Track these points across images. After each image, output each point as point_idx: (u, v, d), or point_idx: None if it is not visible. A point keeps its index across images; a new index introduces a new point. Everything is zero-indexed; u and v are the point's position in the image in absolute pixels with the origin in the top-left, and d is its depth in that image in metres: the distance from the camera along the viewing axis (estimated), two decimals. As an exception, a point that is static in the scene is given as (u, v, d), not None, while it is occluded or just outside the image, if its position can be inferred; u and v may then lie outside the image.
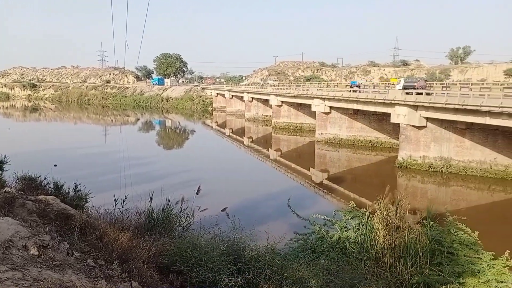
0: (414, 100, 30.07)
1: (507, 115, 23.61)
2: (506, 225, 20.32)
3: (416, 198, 24.91)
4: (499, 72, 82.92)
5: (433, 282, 7.63)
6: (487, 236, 13.10)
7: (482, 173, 28.25)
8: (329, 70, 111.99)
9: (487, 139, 28.30)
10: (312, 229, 10.53)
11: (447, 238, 9.61)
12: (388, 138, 40.39)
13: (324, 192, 26.78)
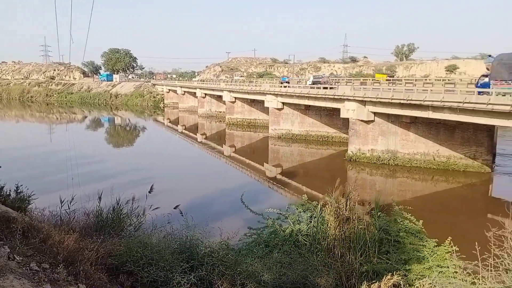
0: (363, 96, 31.07)
1: (448, 109, 24.97)
2: (448, 213, 21.53)
3: (366, 190, 25.80)
4: (441, 68, 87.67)
5: (381, 270, 7.93)
6: (431, 224, 13.83)
7: (426, 164, 29.73)
8: (281, 67, 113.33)
9: (430, 132, 29.80)
10: (265, 224, 10.64)
11: (394, 227, 10.04)
12: (338, 133, 41.52)
13: (278, 187, 27.09)
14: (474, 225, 18.17)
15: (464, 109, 23.81)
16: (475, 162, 28.66)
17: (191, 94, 77.63)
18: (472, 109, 23.36)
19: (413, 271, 8.47)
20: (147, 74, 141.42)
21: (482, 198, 24.94)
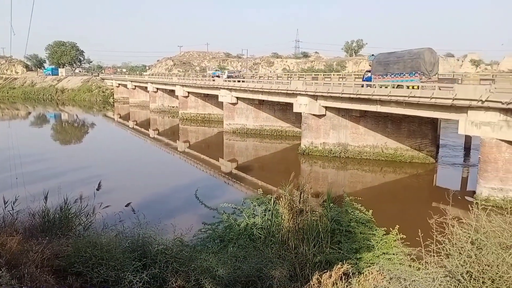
0: (314, 91, 31.70)
1: (395, 103, 26.04)
2: (396, 203, 22.52)
3: (319, 182, 26.39)
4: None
5: (333, 260, 8.15)
6: (380, 213, 14.39)
7: (375, 156, 30.89)
8: (235, 61, 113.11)
9: (378, 125, 30.97)
10: (220, 219, 10.62)
11: (345, 218, 10.37)
12: (292, 127, 42.15)
13: (233, 182, 27.10)
14: (420, 213, 19.10)
15: (409, 103, 24.92)
16: (421, 153, 30.13)
17: (142, 88, 75.69)
18: (417, 103, 24.50)
19: (363, 259, 8.79)
20: (95, 68, 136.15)
21: (427, 187, 26.27)
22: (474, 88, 22.48)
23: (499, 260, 4.21)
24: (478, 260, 4.40)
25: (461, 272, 4.41)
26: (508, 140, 20.40)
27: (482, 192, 21.08)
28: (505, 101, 19.87)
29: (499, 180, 20.78)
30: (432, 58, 28.49)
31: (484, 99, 20.70)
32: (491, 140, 20.87)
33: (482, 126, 21.19)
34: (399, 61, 29.45)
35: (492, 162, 21.02)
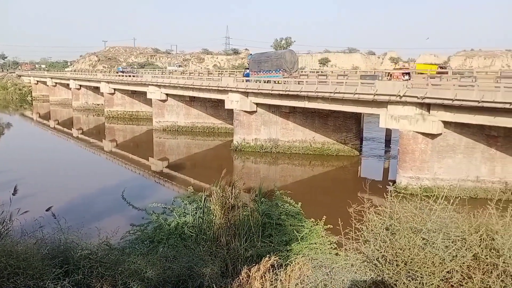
0: (245, 87, 31.94)
1: (321, 99, 27.05)
2: (324, 194, 23.44)
3: (251, 178, 26.67)
4: (315, 61, 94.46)
5: (264, 253, 8.26)
6: (309, 205, 14.85)
7: (304, 150, 31.89)
8: (164, 57, 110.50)
9: (307, 121, 31.99)
10: (149, 219, 10.31)
11: (276, 211, 10.56)
12: (224, 124, 42.14)
13: (164, 181, 26.51)
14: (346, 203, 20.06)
15: (335, 99, 26.03)
16: (346, 146, 31.63)
17: (63, 85, 71.26)
18: (341, 99, 25.66)
19: (293, 250, 9.01)
20: (10, 64, 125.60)
21: (353, 179, 27.67)
22: (392, 84, 24.03)
23: (410, 243, 4.56)
24: (392, 244, 4.72)
25: (377, 256, 4.71)
26: (423, 132, 22.07)
27: (401, 181, 22.64)
28: (420, 96, 21.46)
29: (416, 170, 22.44)
30: (292, 58, 34.41)
31: (402, 94, 22.18)
32: (409, 133, 22.45)
33: (401, 120, 22.71)
34: (268, 60, 34.86)
35: (409, 153, 22.64)
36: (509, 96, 18.29)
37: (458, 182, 21.67)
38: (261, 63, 35.35)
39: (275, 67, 33.78)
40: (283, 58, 33.73)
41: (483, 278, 4.17)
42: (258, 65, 35.63)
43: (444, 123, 21.74)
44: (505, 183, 21.47)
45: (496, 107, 18.80)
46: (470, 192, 21.15)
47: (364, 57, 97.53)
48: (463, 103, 19.83)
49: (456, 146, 22.11)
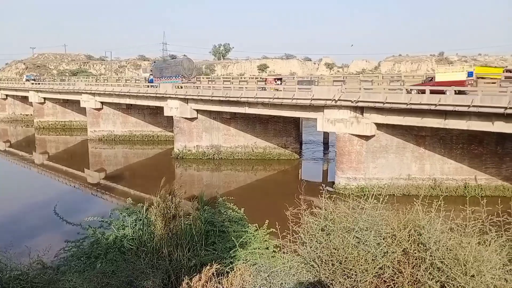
0: (185, 94, 31.54)
1: (261, 104, 27.40)
2: (267, 198, 23.67)
3: (194, 185, 26.34)
4: (254, 67, 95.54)
5: (208, 262, 8.15)
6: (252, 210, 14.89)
7: (246, 156, 32.06)
8: (98, 64, 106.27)
9: (248, 126, 32.23)
10: (86, 234, 9.80)
11: (219, 218, 10.47)
12: (164, 131, 41.29)
13: (101, 193, 25.39)
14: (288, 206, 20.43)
15: (274, 104, 26.49)
16: (286, 150, 32.26)
17: (-13, 96, 65.99)
18: (280, 104, 26.16)
19: (237, 256, 8.98)
20: None
21: (294, 181, 28.16)
22: (328, 89, 24.91)
23: (344, 243, 4.73)
24: (327, 245, 4.87)
25: (313, 257, 4.83)
26: (358, 134, 23.06)
27: (340, 182, 23.47)
28: (354, 100, 22.45)
29: (353, 170, 23.39)
30: (190, 65, 38.14)
31: (337, 98, 23.06)
32: (345, 135, 23.36)
33: (337, 123, 23.58)
34: (168, 67, 38.16)
35: (346, 154, 23.56)
36: (433, 98, 19.65)
37: (392, 181, 22.86)
38: (163, 70, 38.31)
39: (174, 73, 36.98)
40: (181, 65, 37.29)
41: (412, 272, 4.42)
42: (160, 71, 38.47)
43: (377, 125, 22.87)
44: (434, 180, 23.00)
45: (422, 108, 20.13)
46: (403, 190, 22.36)
47: (301, 63, 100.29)
48: (393, 105, 21.01)
49: (389, 147, 23.34)
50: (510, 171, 22.84)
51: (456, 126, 20.13)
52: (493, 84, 23.66)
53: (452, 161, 23.02)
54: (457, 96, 19.47)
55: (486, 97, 18.32)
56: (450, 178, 23.01)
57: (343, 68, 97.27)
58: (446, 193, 21.79)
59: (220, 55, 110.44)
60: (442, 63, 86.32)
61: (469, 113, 19.00)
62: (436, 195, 21.59)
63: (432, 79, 24.30)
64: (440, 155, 23.06)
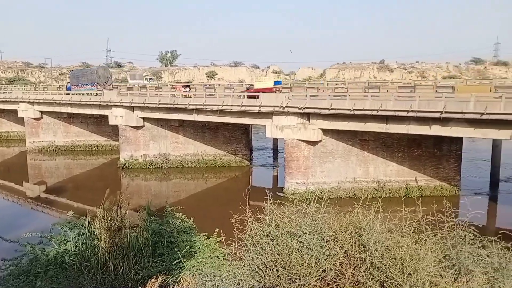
0: (130, 101, 30.71)
1: (210, 111, 27.27)
2: (217, 206, 23.49)
3: (141, 196, 25.61)
4: (202, 74, 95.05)
5: (155, 274, 7.95)
6: (203, 219, 14.76)
7: (196, 164, 31.70)
8: (37, 71, 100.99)
9: (197, 133, 31.93)
10: (24, 251, 9.23)
11: (167, 229, 10.26)
12: (109, 141, 39.92)
13: (42, 207, 24.04)
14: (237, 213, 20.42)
15: (223, 111, 26.46)
16: (237, 157, 32.29)
17: None
18: (229, 111, 26.19)
19: (187, 267, 8.83)
20: None
21: (245, 188, 28.20)
22: (276, 96, 25.28)
23: (288, 248, 4.79)
24: (271, 250, 4.92)
25: (257, 264, 4.86)
26: (305, 140, 23.55)
27: (289, 187, 23.81)
28: (301, 106, 22.94)
29: (302, 175, 23.82)
30: (105, 73, 40.28)
31: (284, 105, 23.46)
32: (293, 141, 23.77)
33: (285, 129, 23.96)
34: (84, 75, 40.15)
35: (295, 160, 23.97)
36: (375, 104, 20.52)
37: (338, 184, 23.60)
38: (80, 78, 40.02)
39: (90, 81, 38.79)
40: (96, 73, 39.12)
41: (353, 273, 4.56)
42: (77, 79, 39.98)
43: (323, 130, 23.50)
44: (378, 182, 23.95)
45: (365, 114, 20.96)
46: (349, 193, 23.12)
47: (249, 70, 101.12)
48: (338, 111, 21.71)
49: (335, 151, 24.04)
50: (447, 171, 24.29)
51: (397, 130, 21.15)
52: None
53: (394, 163, 24.11)
54: (397, 101, 20.42)
55: (423, 102, 19.41)
56: (392, 180, 24.08)
57: (290, 76, 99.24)
58: (389, 194, 22.81)
59: (167, 62, 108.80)
60: (383, 70, 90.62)
61: (408, 118, 20.03)
62: (380, 196, 22.31)
63: (253, 86, 30.97)
64: (383, 158, 24.08)
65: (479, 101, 17.95)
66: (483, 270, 4.72)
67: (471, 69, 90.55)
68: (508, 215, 21.57)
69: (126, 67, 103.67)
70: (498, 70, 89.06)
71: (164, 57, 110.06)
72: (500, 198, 24.49)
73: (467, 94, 19.24)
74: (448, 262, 4.87)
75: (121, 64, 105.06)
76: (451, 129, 19.21)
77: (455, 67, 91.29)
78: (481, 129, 18.47)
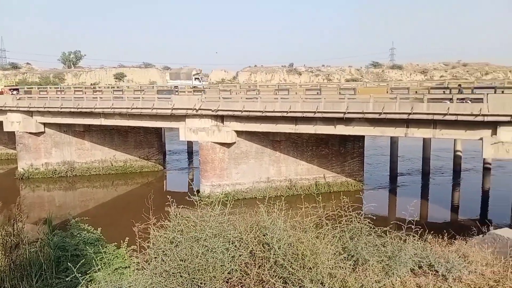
0: (28, 106, 28.23)
1: (119, 115, 26.10)
2: (130, 214, 22.41)
3: (44, 208, 23.67)
4: (109, 76, 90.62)
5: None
6: (113, 228, 14.06)
7: (105, 171, 30.10)
8: None
9: (105, 139, 30.33)
10: None
11: (72, 242, 9.58)
12: (5, 149, 36.33)
13: None
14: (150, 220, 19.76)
15: (133, 114, 25.49)
16: (149, 162, 31.31)
17: None
18: (139, 114, 25.30)
19: (96, 280, 8.32)
20: None
21: (159, 194, 27.42)
22: (188, 98, 25.03)
23: (192, 253, 4.76)
24: (174, 257, 4.84)
25: (160, 272, 4.76)
26: (220, 142, 23.60)
27: (205, 190, 23.68)
28: (214, 109, 22.95)
29: (217, 177, 23.83)
30: None
31: (197, 107, 23.29)
32: (207, 144, 23.69)
33: (199, 132, 23.79)
34: None
35: (210, 162, 23.91)
36: (285, 105, 21.28)
37: (253, 185, 24.04)
38: None
39: None
40: None
41: (258, 272, 4.66)
42: None
43: (237, 132, 23.77)
44: (290, 181, 24.86)
45: (276, 115, 21.64)
46: (263, 192, 23.60)
47: (160, 72, 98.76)
48: (250, 113, 22.13)
49: (249, 152, 24.45)
50: (351, 168, 26.01)
51: (306, 131, 22.15)
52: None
53: (304, 162, 25.21)
54: (305, 103, 21.36)
55: (328, 104, 20.57)
56: (303, 178, 25.16)
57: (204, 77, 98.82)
58: (300, 192, 23.77)
59: (70, 63, 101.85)
60: (292, 73, 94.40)
61: (315, 119, 21.08)
62: (292, 194, 23.47)
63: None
64: (294, 157, 25.05)
65: (378, 102, 19.50)
66: (378, 259, 5.14)
67: (370, 72, 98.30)
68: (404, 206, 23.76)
69: (23, 68, 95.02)
70: (394, 73, 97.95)
71: (67, 58, 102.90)
72: (399, 191, 26.84)
73: (367, 95, 20.78)
74: (347, 253, 5.22)
75: (18, 66, 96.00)
76: (353, 128, 20.62)
77: (357, 70, 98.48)
78: (379, 127, 20.09)
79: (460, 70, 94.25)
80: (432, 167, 29.55)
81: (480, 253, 5.51)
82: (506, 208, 18.99)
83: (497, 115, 16.84)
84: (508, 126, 16.86)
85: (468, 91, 21.85)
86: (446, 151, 31.87)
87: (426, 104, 18.27)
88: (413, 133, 19.65)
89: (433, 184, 27.84)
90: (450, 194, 26.57)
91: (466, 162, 30.25)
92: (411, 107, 18.55)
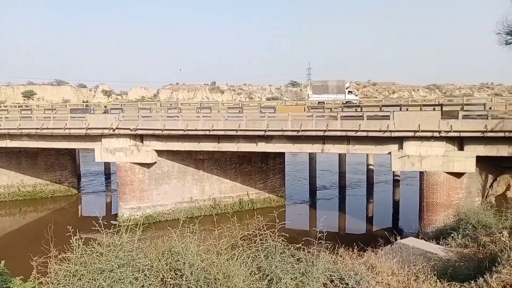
0: None
1: (27, 136, 24.15)
2: (38, 242, 20.71)
3: None
4: (17, 94, 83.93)
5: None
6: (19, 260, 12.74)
7: (11, 197, 27.58)
8: None
9: (11, 162, 27.85)
10: None
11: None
12: None
13: None
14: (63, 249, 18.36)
15: (43, 135, 23.73)
16: (62, 186, 29.22)
17: None
18: (51, 135, 23.63)
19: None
20: None
21: (73, 219, 25.64)
22: (105, 117, 23.90)
23: (97, 285, 4.48)
24: None
25: None
26: (139, 162, 22.77)
27: (124, 214, 22.58)
28: (133, 128, 22.16)
29: (137, 200, 22.87)
30: None
31: (115, 127, 22.32)
32: (126, 164, 22.72)
33: (116, 152, 22.76)
34: None
35: (129, 184, 22.91)
36: (207, 124, 21.20)
37: (175, 205, 23.45)
38: None
39: None
40: None
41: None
42: None
43: (158, 151, 23.14)
44: (214, 199, 24.68)
45: (198, 134, 21.48)
46: (187, 213, 23.06)
47: (75, 90, 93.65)
48: (172, 132, 21.72)
49: (171, 172, 23.89)
50: (273, 184, 26.57)
51: (228, 149, 22.24)
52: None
53: (228, 180, 25.23)
54: (227, 121, 21.47)
55: (250, 122, 20.89)
56: (227, 196, 25.14)
57: (122, 96, 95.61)
58: (224, 210, 23.70)
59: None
60: (215, 91, 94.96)
61: (238, 137, 21.28)
62: (216, 213, 23.25)
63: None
64: (217, 175, 24.97)
65: (296, 120, 20.25)
66: (292, 276, 5.23)
67: (289, 91, 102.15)
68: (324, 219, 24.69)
69: None
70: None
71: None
72: (319, 204, 27.90)
73: (285, 113, 21.50)
74: (261, 273, 5.24)
75: None
76: (274, 145, 21.15)
77: (277, 89, 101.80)
78: (298, 144, 20.83)
79: (370, 89, 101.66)
80: (348, 181, 31.23)
81: (387, 263, 5.86)
82: (414, 217, 20.56)
83: (402, 130, 18.34)
84: (413, 140, 18.43)
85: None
86: (360, 165, 33.92)
87: (340, 122, 19.35)
88: (329, 149, 20.65)
89: (349, 196, 29.39)
90: (365, 206, 28.23)
91: (379, 175, 32.41)
92: (326, 124, 19.52)
